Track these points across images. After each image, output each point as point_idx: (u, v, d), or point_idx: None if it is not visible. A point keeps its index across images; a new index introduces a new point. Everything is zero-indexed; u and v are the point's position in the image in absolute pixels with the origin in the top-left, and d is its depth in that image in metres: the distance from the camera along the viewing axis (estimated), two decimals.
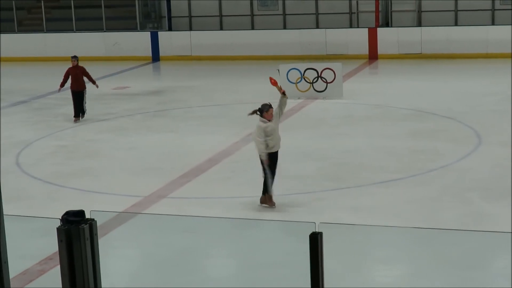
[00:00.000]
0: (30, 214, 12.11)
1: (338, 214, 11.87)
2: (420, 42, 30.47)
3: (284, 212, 12.13)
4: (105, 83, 27.01)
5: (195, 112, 21.15)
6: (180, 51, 33.02)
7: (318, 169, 14.63)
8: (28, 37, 34.78)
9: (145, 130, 18.83)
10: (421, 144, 16.32)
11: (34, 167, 15.47)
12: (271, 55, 31.25)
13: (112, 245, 10.41)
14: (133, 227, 11.67)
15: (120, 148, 16.96)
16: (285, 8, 33.89)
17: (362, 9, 32.90)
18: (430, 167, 14.44)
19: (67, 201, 13.08)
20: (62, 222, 3.90)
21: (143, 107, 21.94)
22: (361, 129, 18.07)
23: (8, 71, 31.44)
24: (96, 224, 3.92)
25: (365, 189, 13.27)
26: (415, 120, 18.89)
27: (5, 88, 26.48)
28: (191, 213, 12.07)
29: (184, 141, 17.40)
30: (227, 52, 32.34)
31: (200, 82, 26.40)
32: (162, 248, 10.39)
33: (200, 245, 10.43)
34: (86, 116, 20.14)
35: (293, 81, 22.04)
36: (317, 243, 3.69)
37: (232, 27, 33.81)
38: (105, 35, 33.91)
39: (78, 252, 3.85)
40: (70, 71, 20.11)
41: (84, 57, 33.13)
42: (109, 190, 13.64)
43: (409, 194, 12.90)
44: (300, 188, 13.31)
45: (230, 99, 22.84)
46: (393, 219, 11.58)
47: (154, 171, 14.85)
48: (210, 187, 13.71)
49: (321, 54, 30.84)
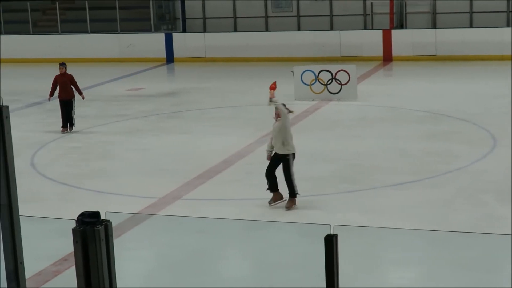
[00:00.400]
0: (45, 215, 12.16)
1: (352, 216, 11.85)
2: (435, 44, 30.39)
3: (298, 213, 12.13)
4: (119, 85, 27.10)
5: (209, 113, 21.16)
6: (194, 52, 33.05)
7: (332, 171, 14.62)
8: (43, 39, 34.89)
9: (159, 131, 18.86)
10: (435, 146, 16.28)
11: (49, 168, 15.53)
12: (285, 56, 31.24)
13: (126, 246, 10.43)
14: (148, 228, 11.69)
15: (134, 149, 16.99)
16: (299, 10, 33.86)
17: (376, 11, 32.84)
18: (444, 169, 14.40)
19: (81, 202, 13.12)
20: (78, 223, 3.91)
21: (157, 109, 21.98)
22: (375, 131, 18.04)
23: (22, 72, 31.58)
24: (112, 225, 3.93)
25: (379, 191, 13.25)
26: (430, 122, 18.85)
27: (19, 89, 26.59)
28: (205, 214, 12.08)
29: (198, 143, 17.41)
30: (241, 53, 32.35)
31: (214, 84, 26.43)
32: (177, 249, 10.41)
33: (214, 246, 10.44)
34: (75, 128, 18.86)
35: (307, 83, 22.02)
36: (332, 245, 3.69)
37: (246, 29, 33.81)
38: (119, 36, 33.99)
39: (93, 253, 3.86)
40: (57, 79, 19.14)
41: (99, 58, 33.35)
42: (123, 191, 13.67)
43: (423, 197, 12.87)
44: (314, 190, 13.29)
45: (244, 100, 22.84)
46: (407, 221, 11.55)
47: (169, 173, 14.87)
48: (224, 188, 13.72)
49: (336, 56, 30.79)
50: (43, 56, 34.12)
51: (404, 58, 30.57)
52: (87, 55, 33.73)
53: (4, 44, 34.97)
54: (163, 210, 12.42)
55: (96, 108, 22.29)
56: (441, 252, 9.82)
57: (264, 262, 10.09)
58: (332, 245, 3.68)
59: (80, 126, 19.54)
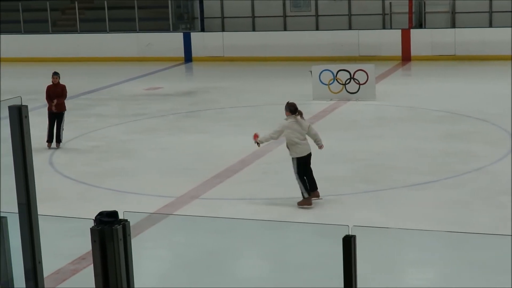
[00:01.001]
0: (63, 214, 12.20)
1: (370, 216, 11.82)
2: (454, 43, 30.27)
3: (316, 213, 12.11)
4: (137, 84, 27.16)
5: (227, 113, 21.17)
6: (213, 52, 33.08)
7: (351, 170, 14.59)
8: (62, 38, 35.04)
9: (177, 130, 18.89)
10: (454, 146, 16.21)
11: (67, 167, 15.58)
12: (304, 56, 31.20)
13: (144, 245, 10.45)
14: (165, 228, 11.71)
15: (152, 148, 17.02)
16: (318, 9, 33.83)
17: (395, 10, 32.75)
18: (463, 170, 14.34)
19: (100, 201, 13.16)
20: (96, 222, 3.92)
21: (175, 108, 22.01)
22: (394, 131, 17.99)
23: (41, 71, 31.64)
24: (129, 225, 3.94)
25: (397, 192, 13.21)
26: (448, 122, 18.77)
27: (38, 88, 26.66)
28: (223, 214, 12.09)
29: (216, 142, 17.42)
30: (260, 53, 32.35)
31: (232, 83, 26.44)
32: (194, 248, 10.42)
33: (232, 246, 10.44)
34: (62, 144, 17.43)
35: (326, 82, 21.99)
36: (350, 246, 3.68)
37: (264, 28, 33.81)
38: (138, 36, 34.07)
39: (111, 252, 3.86)
40: (50, 89, 17.56)
41: (117, 57, 33.45)
42: (141, 190, 13.70)
43: (442, 197, 12.82)
44: (332, 190, 13.27)
45: (262, 100, 22.83)
46: (425, 222, 11.51)
47: (186, 172, 14.88)
48: (241, 188, 13.73)
49: (354, 56, 30.73)
50: (62, 55, 34.27)
51: (423, 58, 30.46)
52: (105, 54, 33.84)
53: (24, 43, 35.16)
54: (180, 210, 12.43)
55: (114, 107, 22.35)
56: (459, 253, 9.78)
57: (282, 262, 10.08)
58: (350, 246, 3.67)
59: (98, 125, 19.62)
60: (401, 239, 10.83)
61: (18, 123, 4.03)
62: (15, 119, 4.03)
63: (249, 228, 10.93)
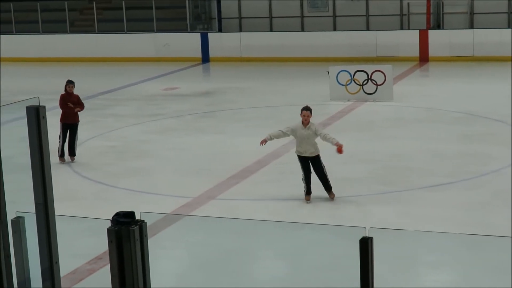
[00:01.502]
0: (81, 214, 12.24)
1: (387, 218, 11.79)
2: (472, 44, 30.14)
3: (334, 214, 12.09)
4: (155, 84, 27.21)
5: (244, 113, 21.17)
6: (230, 52, 33.10)
7: (368, 172, 14.55)
8: (80, 38, 35.16)
9: (194, 131, 18.90)
10: (472, 147, 16.14)
11: (85, 167, 15.62)
12: (321, 56, 31.16)
13: (161, 245, 10.46)
14: (182, 228, 11.72)
15: (169, 148, 17.04)
16: (335, 10, 33.78)
17: (413, 11, 32.67)
18: (481, 171, 14.27)
19: (117, 201, 13.19)
20: (113, 223, 3.92)
21: (192, 108, 22.03)
22: (411, 132, 17.94)
23: (59, 71, 31.80)
24: (146, 226, 3.94)
25: (414, 193, 13.16)
26: (466, 123, 18.70)
27: (57, 88, 26.75)
28: (239, 214, 12.08)
29: (233, 143, 17.42)
30: (277, 53, 32.33)
31: (250, 84, 26.44)
32: (210, 249, 10.42)
33: (248, 247, 10.44)
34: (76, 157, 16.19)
35: (343, 83, 21.95)
36: (367, 248, 3.66)
37: (282, 29, 33.81)
38: (155, 36, 34.14)
39: (128, 253, 3.87)
40: (65, 98, 16.30)
41: (135, 57, 33.53)
42: (158, 190, 13.72)
43: (459, 199, 12.76)
44: (349, 191, 13.24)
45: (280, 100, 22.82)
46: (442, 224, 11.46)
47: (203, 172, 14.89)
48: (258, 188, 13.72)
49: (371, 56, 30.66)
50: (80, 55, 34.41)
51: (441, 58, 30.34)
52: (123, 54, 33.92)
53: (42, 44, 35.30)
54: (197, 210, 12.44)
55: (132, 108, 22.40)
56: (478, 255, 9.73)
57: (298, 263, 10.07)
58: (367, 247, 3.65)
59: (116, 125, 19.66)
60: (418, 240, 10.79)
61: (35, 123, 4.04)
62: (32, 119, 4.04)
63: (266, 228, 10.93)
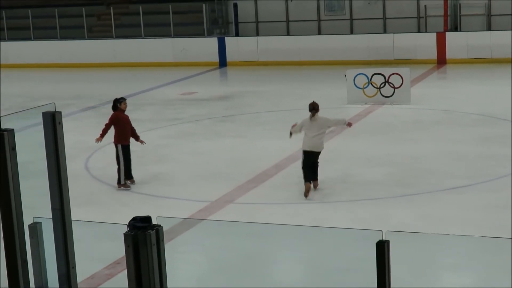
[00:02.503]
0: (100, 218, 12.27)
1: (407, 220, 11.75)
2: (490, 46, 30.01)
3: (353, 218, 12.07)
4: (173, 89, 27.28)
5: (262, 117, 21.18)
6: (247, 56, 33.13)
7: (386, 174, 14.51)
8: (98, 44, 35.29)
9: (212, 135, 18.93)
10: (491, 149, 16.07)
11: (103, 171, 15.67)
12: (338, 60, 31.14)
13: (179, 249, 10.47)
14: (199, 232, 11.73)
15: (188, 153, 17.07)
16: (352, 13, 33.75)
17: (430, 13, 32.58)
18: (500, 173, 14.20)
19: (135, 205, 13.21)
20: (129, 228, 3.93)
21: (210, 112, 22.06)
22: (430, 134, 17.88)
23: (78, 77, 31.96)
24: (163, 230, 3.95)
25: (433, 196, 13.12)
26: (485, 125, 18.62)
27: (75, 93, 26.91)
28: (258, 218, 12.08)
29: (251, 146, 17.43)
30: (294, 57, 32.34)
31: (267, 88, 26.45)
32: (228, 253, 10.43)
33: (266, 251, 10.43)
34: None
35: (360, 86, 21.91)
36: (384, 251, 3.65)
37: (299, 32, 33.81)
38: (173, 41, 34.22)
39: (144, 257, 3.87)
40: (120, 117, 14.71)
41: (153, 62, 33.63)
42: (176, 195, 13.75)
43: (479, 201, 12.71)
44: (368, 194, 13.22)
45: (297, 104, 22.78)
46: (462, 226, 11.42)
47: (221, 176, 14.91)
48: (276, 192, 13.70)
49: (389, 59, 30.61)
50: (98, 60, 34.55)
51: (459, 61, 30.24)
52: (141, 59, 34.04)
53: (60, 49, 35.46)
54: (215, 214, 12.45)
55: (150, 112, 22.45)
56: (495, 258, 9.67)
57: (316, 266, 10.05)
58: (383, 251, 3.64)
59: None
60: (437, 243, 10.75)
61: (52, 129, 4.05)
62: (49, 125, 4.05)
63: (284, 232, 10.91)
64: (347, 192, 13.48)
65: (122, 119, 14.62)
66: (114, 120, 14.58)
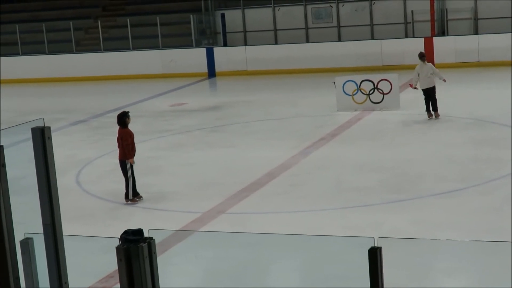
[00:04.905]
0: (92, 232, 12.24)
1: (400, 226, 11.76)
2: (477, 50, 30.12)
3: (345, 225, 12.06)
4: (162, 100, 27.27)
5: (253, 126, 21.19)
6: (236, 66, 33.16)
7: (378, 180, 14.52)
8: (86, 57, 35.28)
9: (203, 145, 18.92)
10: (481, 153, 16.10)
11: (94, 185, 15.64)
12: (327, 67, 31.21)
13: (171, 262, 10.45)
14: (192, 244, 11.71)
15: (179, 164, 17.05)
16: (340, 20, 33.82)
17: (417, 19, 32.68)
18: (492, 177, 14.23)
19: (127, 218, 13.18)
20: (121, 241, 3.92)
21: (201, 123, 22.06)
22: (420, 139, 17.91)
23: (67, 91, 31.93)
24: (155, 243, 3.94)
25: (426, 200, 13.13)
26: (475, 129, 18.67)
27: (64, 107, 26.88)
28: (250, 228, 12.06)
29: (242, 156, 17.43)
30: (283, 65, 32.38)
31: (257, 97, 26.47)
32: (221, 263, 10.40)
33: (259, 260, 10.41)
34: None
35: (349, 93, 21.94)
36: (376, 258, 3.65)
37: (287, 41, 33.87)
38: (161, 52, 34.24)
39: (137, 270, 3.87)
40: (130, 133, 14.31)
41: (142, 74, 33.62)
42: (168, 206, 13.72)
43: (471, 205, 12.72)
44: (360, 200, 13.22)
45: (288, 112, 22.83)
46: (455, 230, 11.42)
47: (213, 187, 14.89)
48: (269, 201, 13.70)
49: (377, 65, 30.68)
50: (87, 74, 34.55)
51: (447, 65, 30.30)
52: (130, 72, 34.03)
53: (48, 64, 35.44)
54: (207, 225, 12.43)
55: (140, 124, 22.41)
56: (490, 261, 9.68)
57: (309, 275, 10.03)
58: (376, 257, 3.64)
59: None
60: (430, 247, 10.75)
61: (41, 144, 4.04)
62: (38, 140, 4.04)
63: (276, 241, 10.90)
64: (339, 199, 13.48)
65: (131, 135, 14.25)
66: (128, 138, 14.14)
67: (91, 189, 15.31)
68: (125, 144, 14.11)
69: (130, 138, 14.14)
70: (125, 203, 14.08)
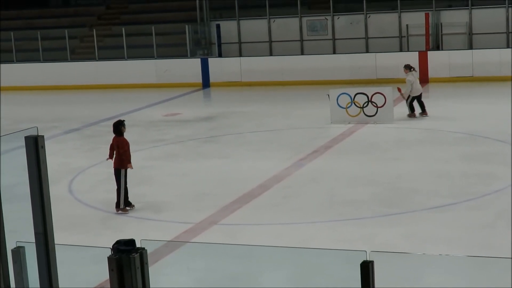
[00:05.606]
0: (83, 242, 12.21)
1: (392, 240, 11.75)
2: (472, 64, 30.20)
3: (337, 239, 12.05)
4: (156, 110, 27.26)
5: (246, 137, 21.19)
6: (230, 77, 33.18)
7: (371, 194, 14.52)
8: (81, 65, 35.28)
9: (197, 156, 18.90)
10: (474, 168, 16.12)
11: (87, 194, 15.61)
12: (321, 80, 31.26)
13: (163, 272, 10.42)
14: (184, 255, 11.68)
15: (172, 174, 17.03)
16: (335, 33, 33.89)
17: (412, 33, 32.78)
18: (484, 192, 14.24)
19: (119, 228, 13.15)
20: (113, 251, 3.91)
21: (194, 133, 22.05)
22: (413, 153, 17.93)
23: (61, 99, 31.92)
24: (147, 253, 3.93)
25: (418, 215, 13.13)
26: (468, 143, 18.69)
27: (58, 116, 26.85)
28: (242, 239, 12.05)
29: (235, 167, 17.42)
30: (277, 77, 32.42)
31: (251, 108, 26.48)
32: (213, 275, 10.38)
33: (251, 272, 10.40)
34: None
35: (343, 106, 21.97)
36: (368, 272, 3.65)
37: (281, 53, 33.92)
38: (156, 62, 34.25)
39: (129, 281, 3.86)
40: (126, 141, 14.36)
41: (136, 84, 33.62)
42: (161, 217, 13.70)
43: (463, 220, 12.73)
44: (352, 214, 13.22)
45: (281, 124, 22.84)
46: (447, 245, 11.42)
47: (206, 197, 14.87)
48: (261, 213, 13.69)
49: (371, 78, 30.74)
50: (81, 82, 34.54)
51: (441, 79, 30.41)
52: (124, 81, 34.03)
53: (43, 72, 35.42)
54: (200, 235, 12.41)
55: (134, 134, 22.38)
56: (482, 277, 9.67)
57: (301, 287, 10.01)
58: (368, 271, 3.64)
59: None
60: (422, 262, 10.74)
61: (34, 153, 4.03)
62: (31, 149, 4.04)
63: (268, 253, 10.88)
64: (332, 211, 13.48)
65: (127, 143, 14.25)
66: (126, 146, 14.13)
67: (84, 198, 15.28)
68: (122, 152, 14.07)
69: (126, 146, 14.12)
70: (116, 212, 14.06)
